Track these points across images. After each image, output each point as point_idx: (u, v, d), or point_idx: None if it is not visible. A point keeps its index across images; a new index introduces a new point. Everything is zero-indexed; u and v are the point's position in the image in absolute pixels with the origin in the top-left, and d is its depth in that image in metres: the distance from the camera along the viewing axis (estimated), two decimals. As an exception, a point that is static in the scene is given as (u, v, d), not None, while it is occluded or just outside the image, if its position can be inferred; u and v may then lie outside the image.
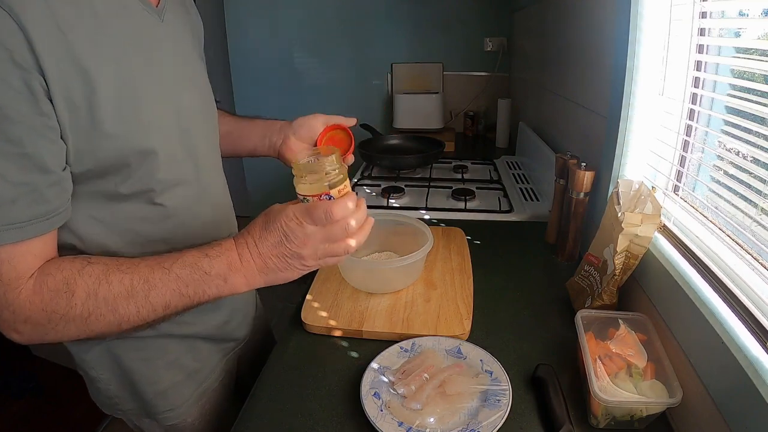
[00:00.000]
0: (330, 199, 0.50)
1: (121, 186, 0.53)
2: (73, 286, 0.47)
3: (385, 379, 0.62)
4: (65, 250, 0.53)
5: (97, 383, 0.67)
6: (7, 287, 0.45)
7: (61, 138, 0.46)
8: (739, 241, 0.56)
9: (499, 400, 0.57)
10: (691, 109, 0.68)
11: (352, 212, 0.51)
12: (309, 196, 0.51)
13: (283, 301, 1.47)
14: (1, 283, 0.45)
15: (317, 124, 0.75)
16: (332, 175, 0.51)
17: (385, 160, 1.49)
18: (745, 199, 0.55)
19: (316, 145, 0.74)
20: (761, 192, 0.52)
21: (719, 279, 0.55)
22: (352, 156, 0.73)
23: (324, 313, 0.75)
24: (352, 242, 0.52)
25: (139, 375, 0.66)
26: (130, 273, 0.49)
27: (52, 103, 0.44)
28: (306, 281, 0.85)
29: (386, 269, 0.78)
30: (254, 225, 0.53)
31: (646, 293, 0.69)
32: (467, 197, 1.22)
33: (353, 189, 1.32)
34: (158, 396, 0.68)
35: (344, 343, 0.71)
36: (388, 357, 0.65)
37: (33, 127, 0.43)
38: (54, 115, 0.44)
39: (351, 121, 0.75)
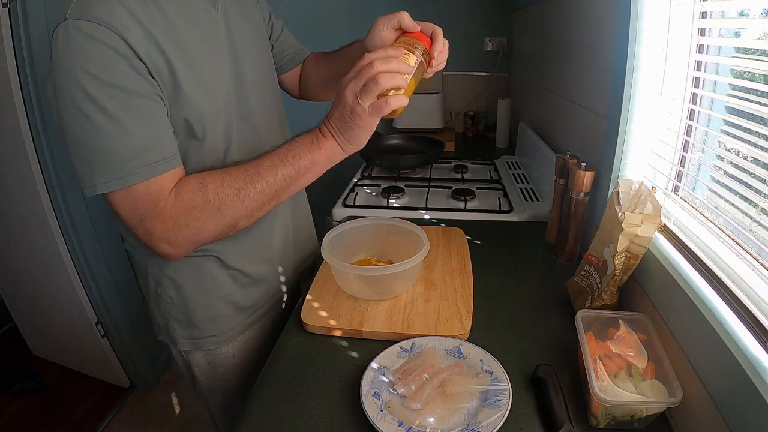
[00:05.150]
0: None
1: (200, 135, 0.67)
2: (203, 183, 0.61)
3: (385, 379, 0.62)
4: None
5: (159, 301, 0.79)
6: (156, 202, 0.59)
7: (161, 100, 0.61)
8: (739, 241, 0.56)
9: (499, 400, 0.57)
10: (691, 109, 0.68)
11: (382, 57, 0.59)
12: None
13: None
14: (151, 202, 0.59)
15: (384, 31, 0.78)
16: (412, 60, 0.63)
17: (385, 160, 1.48)
18: (745, 199, 0.55)
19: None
20: (761, 192, 0.52)
21: (719, 279, 0.55)
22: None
23: (324, 313, 0.75)
24: (380, 78, 0.58)
25: (194, 302, 0.78)
26: (240, 165, 0.63)
27: (153, 76, 0.59)
28: (307, 280, 0.85)
29: (383, 276, 0.77)
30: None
31: (646, 293, 0.69)
32: (467, 197, 1.22)
33: (353, 189, 1.34)
34: (206, 321, 0.80)
35: (344, 343, 0.71)
36: (388, 357, 0.65)
37: (147, 95, 0.58)
38: (158, 85, 0.60)
39: (416, 27, 0.77)
